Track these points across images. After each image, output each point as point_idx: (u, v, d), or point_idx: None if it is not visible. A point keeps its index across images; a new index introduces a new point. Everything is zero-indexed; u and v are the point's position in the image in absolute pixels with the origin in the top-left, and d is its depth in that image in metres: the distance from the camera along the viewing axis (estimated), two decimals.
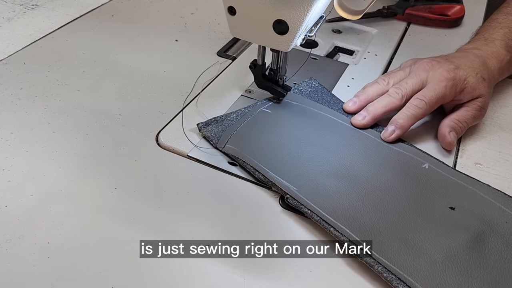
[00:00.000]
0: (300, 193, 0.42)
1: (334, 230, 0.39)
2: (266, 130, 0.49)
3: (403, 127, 0.49)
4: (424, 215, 0.40)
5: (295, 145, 0.48)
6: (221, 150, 0.48)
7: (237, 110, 0.52)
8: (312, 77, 0.57)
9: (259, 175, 0.44)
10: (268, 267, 0.39)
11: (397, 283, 0.35)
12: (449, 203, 0.41)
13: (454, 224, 0.40)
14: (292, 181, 0.43)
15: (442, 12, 0.74)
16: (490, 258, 0.37)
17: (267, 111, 0.52)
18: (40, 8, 0.74)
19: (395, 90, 0.51)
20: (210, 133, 0.49)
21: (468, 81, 0.51)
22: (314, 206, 0.40)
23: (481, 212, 0.41)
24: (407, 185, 0.43)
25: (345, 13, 0.51)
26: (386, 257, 0.37)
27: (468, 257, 0.37)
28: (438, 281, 0.35)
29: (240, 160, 0.46)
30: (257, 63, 0.53)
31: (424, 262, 0.36)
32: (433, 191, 0.43)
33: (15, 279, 0.37)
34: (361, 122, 0.51)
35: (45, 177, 0.45)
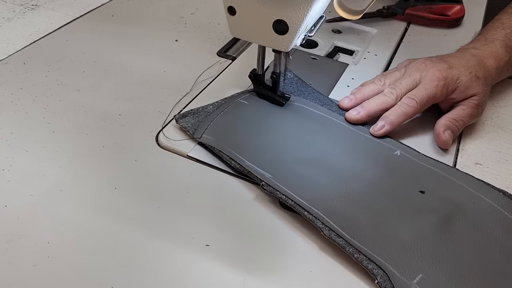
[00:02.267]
0: (275, 180, 0.43)
1: (308, 214, 0.40)
2: (242, 121, 0.50)
3: (393, 123, 0.50)
4: (395, 199, 0.42)
5: (271, 135, 0.49)
6: (198, 141, 0.48)
7: (214, 102, 0.53)
8: (288, 69, 0.57)
9: (235, 164, 0.45)
10: (268, 267, 0.39)
11: (367, 263, 0.37)
12: (420, 187, 0.43)
13: (424, 206, 0.41)
14: (268, 169, 0.44)
15: (442, 12, 0.74)
16: (457, 238, 0.38)
17: (244, 102, 0.53)
18: (40, 8, 0.74)
19: (390, 90, 0.52)
20: (186, 124, 0.49)
21: (461, 80, 0.51)
22: (289, 191, 0.42)
23: (450, 195, 0.42)
24: (379, 171, 0.45)
25: (345, 13, 0.52)
26: (357, 239, 0.38)
27: (436, 237, 0.38)
28: (407, 261, 0.37)
29: (216, 150, 0.47)
30: (256, 72, 0.53)
31: (394, 244, 0.38)
32: (404, 177, 0.44)
33: (15, 279, 0.37)
34: (355, 117, 0.51)
35: (45, 177, 0.45)
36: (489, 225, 0.40)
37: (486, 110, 0.57)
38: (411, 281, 0.35)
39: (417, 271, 0.36)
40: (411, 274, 0.36)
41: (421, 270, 0.36)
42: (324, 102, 0.54)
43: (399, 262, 0.36)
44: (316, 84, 0.59)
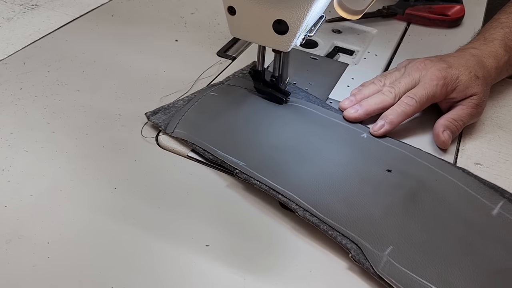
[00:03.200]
0: (249, 167, 0.44)
1: (282, 197, 0.41)
2: (213, 112, 0.51)
3: (392, 122, 0.50)
4: (364, 178, 0.44)
5: (244, 124, 0.50)
6: (170, 135, 0.48)
7: (184, 97, 0.54)
8: (254, 61, 0.58)
9: (208, 155, 0.46)
10: (268, 267, 0.39)
11: (340, 238, 0.39)
12: (386, 166, 0.45)
13: (391, 184, 0.43)
14: (241, 157, 0.45)
15: (442, 12, 0.74)
16: (423, 211, 0.41)
17: (214, 94, 0.54)
18: (40, 8, 0.74)
19: (389, 89, 0.52)
20: (158, 120, 0.50)
21: (461, 80, 0.51)
22: (262, 177, 0.43)
23: (414, 173, 0.45)
24: (348, 153, 0.47)
25: (345, 13, 0.52)
26: (330, 217, 0.40)
27: (404, 212, 0.41)
28: (378, 235, 0.39)
29: (189, 143, 0.47)
30: (256, 68, 0.53)
31: (365, 220, 0.40)
32: (371, 157, 0.47)
33: (15, 279, 0.37)
34: (353, 115, 0.52)
35: (45, 177, 0.45)
36: (451, 199, 0.42)
37: (486, 110, 0.57)
38: (383, 252, 0.37)
39: (387, 243, 0.38)
40: (383, 247, 0.38)
41: (391, 243, 0.38)
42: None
43: (370, 236, 0.38)
44: (316, 84, 0.59)
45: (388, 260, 0.37)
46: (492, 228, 0.40)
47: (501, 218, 0.41)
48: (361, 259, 0.37)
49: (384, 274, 0.36)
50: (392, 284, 0.35)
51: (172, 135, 0.48)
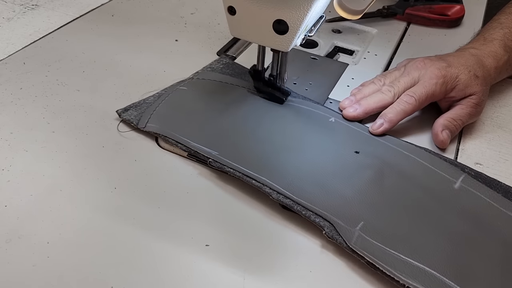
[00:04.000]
0: (222, 156, 0.45)
1: (256, 182, 0.43)
2: (185, 105, 0.52)
3: (391, 121, 0.50)
4: (334, 160, 0.46)
5: (215, 115, 0.51)
6: (143, 130, 0.49)
7: (154, 94, 0.54)
8: (223, 55, 0.60)
9: (181, 146, 0.47)
10: (268, 267, 0.39)
11: (314, 217, 0.40)
12: (354, 148, 0.48)
13: (359, 165, 0.46)
14: (214, 147, 0.46)
15: (442, 12, 0.74)
16: (390, 188, 0.43)
17: (184, 88, 0.55)
18: (40, 8, 0.74)
19: (388, 88, 0.52)
20: (130, 116, 0.51)
21: (460, 79, 0.51)
22: (235, 165, 0.44)
23: (380, 154, 0.47)
24: (318, 136, 0.49)
25: (344, 13, 0.52)
26: (303, 198, 0.41)
27: (372, 189, 0.43)
28: (350, 212, 0.41)
29: (162, 136, 0.48)
30: (256, 68, 0.53)
31: (337, 199, 0.42)
32: (340, 140, 0.49)
33: (15, 279, 0.37)
34: (352, 113, 0.52)
35: (45, 177, 0.45)
36: (416, 175, 0.45)
37: (486, 109, 0.57)
38: (354, 228, 0.39)
39: (358, 219, 0.40)
40: (354, 223, 0.40)
41: (362, 219, 0.40)
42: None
43: (342, 214, 0.40)
44: (316, 84, 0.59)
45: (360, 235, 0.38)
46: (455, 199, 0.42)
47: (462, 190, 0.43)
48: (334, 235, 0.39)
49: (356, 248, 0.38)
50: (364, 256, 0.37)
51: (144, 130, 0.49)
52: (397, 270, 0.36)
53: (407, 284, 0.35)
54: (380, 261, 0.37)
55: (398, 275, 0.36)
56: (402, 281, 0.35)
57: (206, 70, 0.59)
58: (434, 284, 0.35)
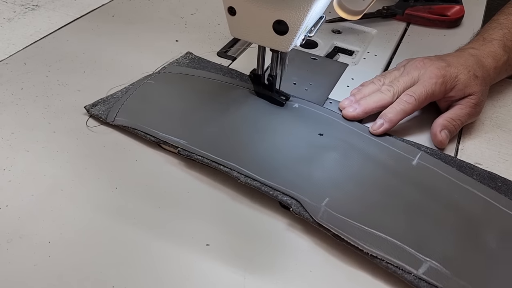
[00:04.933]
0: (190, 145, 0.46)
1: (223, 167, 0.44)
2: (153, 98, 0.53)
3: (391, 120, 0.50)
4: (299, 142, 0.48)
5: (183, 107, 0.52)
6: (111, 124, 0.50)
7: (122, 89, 0.55)
8: (188, 51, 0.63)
9: (150, 138, 0.48)
10: (268, 267, 0.39)
11: (281, 196, 0.42)
12: (318, 131, 0.50)
13: (323, 146, 0.48)
14: (182, 136, 0.47)
15: (442, 13, 0.74)
16: (353, 167, 0.46)
17: (151, 82, 0.56)
18: (40, 8, 0.75)
19: (387, 88, 0.53)
20: (98, 111, 0.52)
21: (459, 78, 0.51)
22: (204, 152, 0.45)
23: (344, 137, 0.49)
24: (281, 122, 0.51)
25: (344, 14, 0.52)
26: (271, 179, 0.43)
27: (337, 168, 0.45)
28: (315, 190, 0.42)
29: (130, 129, 0.49)
30: (256, 72, 0.53)
31: (303, 178, 0.44)
32: (303, 123, 0.51)
33: (16, 279, 0.37)
34: (351, 113, 0.52)
35: (46, 177, 0.45)
36: (377, 155, 0.47)
37: (485, 109, 0.57)
38: (320, 204, 0.41)
39: (324, 196, 0.42)
40: (320, 199, 0.41)
41: (327, 195, 0.42)
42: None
43: (308, 192, 0.42)
44: (316, 84, 0.59)
45: (325, 210, 0.40)
46: (413, 174, 0.45)
47: (419, 166, 0.46)
48: (301, 211, 0.40)
49: (322, 221, 0.39)
50: (330, 229, 0.39)
51: (113, 123, 0.50)
52: (361, 240, 0.38)
53: (370, 252, 0.37)
54: (345, 232, 0.39)
55: (362, 244, 0.38)
56: (366, 250, 0.37)
57: (173, 64, 0.61)
58: (396, 252, 0.37)
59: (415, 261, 0.37)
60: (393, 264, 0.37)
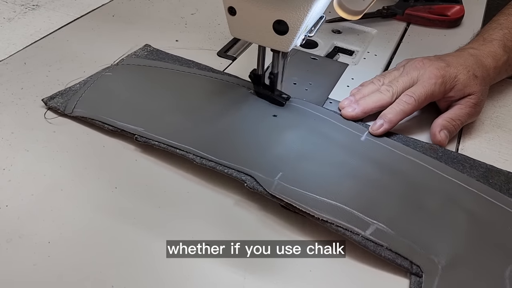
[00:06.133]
0: (147, 131, 0.48)
1: (179, 151, 0.46)
2: (111, 89, 0.54)
3: (391, 121, 0.50)
4: (254, 123, 0.50)
5: (141, 96, 0.53)
6: (70, 115, 0.51)
7: (80, 81, 0.56)
8: (147, 44, 0.64)
9: (108, 127, 0.49)
10: (268, 267, 0.39)
11: (236, 174, 0.44)
12: (272, 113, 0.52)
13: (277, 126, 0.50)
14: (140, 124, 0.49)
15: (442, 13, 0.74)
16: (304, 143, 0.48)
17: (109, 74, 0.57)
18: (40, 8, 0.75)
19: (386, 88, 0.53)
20: (56, 104, 0.52)
21: (459, 78, 0.51)
22: (160, 137, 0.47)
23: (296, 116, 0.52)
24: (235, 107, 0.53)
25: (344, 14, 0.52)
26: (225, 159, 0.45)
27: (288, 145, 0.47)
28: (269, 166, 0.44)
29: (88, 119, 0.50)
30: (256, 72, 0.53)
31: (257, 156, 0.45)
32: (256, 107, 0.53)
33: (16, 279, 0.37)
34: (350, 113, 0.52)
35: (46, 176, 0.45)
36: (328, 131, 0.50)
37: (485, 109, 0.57)
38: (274, 178, 0.43)
39: (277, 171, 0.43)
40: (273, 174, 0.43)
41: (280, 170, 0.44)
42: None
43: (262, 168, 0.44)
44: (316, 84, 0.59)
45: (278, 183, 0.42)
46: (362, 149, 0.48)
47: (367, 141, 0.49)
48: (255, 185, 0.42)
49: (275, 193, 0.41)
50: (283, 198, 0.41)
51: (71, 115, 0.51)
52: (312, 208, 0.40)
53: (321, 217, 0.39)
54: (297, 201, 0.41)
55: (314, 211, 0.40)
56: (317, 216, 0.40)
57: (131, 56, 0.62)
58: (345, 216, 0.40)
59: (363, 224, 0.39)
60: (342, 227, 0.39)
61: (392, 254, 0.38)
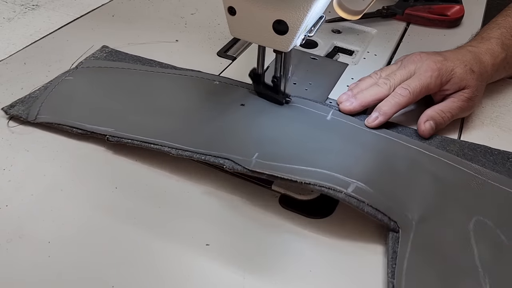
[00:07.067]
0: (118, 131, 0.48)
1: (154, 145, 0.46)
2: (74, 93, 0.54)
3: (386, 113, 0.51)
4: (223, 113, 0.51)
5: (107, 98, 0.54)
6: (33, 122, 0.50)
7: (40, 87, 0.56)
8: (104, 45, 0.64)
9: (76, 131, 0.49)
10: (268, 267, 0.39)
11: (214, 159, 0.44)
12: (240, 102, 0.53)
13: (246, 113, 0.52)
14: (110, 125, 0.49)
15: (442, 12, 0.74)
16: (274, 126, 0.50)
17: (70, 78, 0.57)
18: (40, 8, 0.75)
19: (384, 81, 0.53)
20: (17, 112, 0.52)
21: (455, 72, 0.52)
22: (132, 135, 0.47)
23: (262, 104, 0.53)
24: (202, 99, 0.54)
25: (344, 13, 0.52)
26: (201, 147, 0.46)
27: (261, 129, 0.49)
28: (245, 148, 0.45)
29: (55, 124, 0.50)
30: (256, 71, 0.53)
31: (232, 141, 0.47)
32: (225, 96, 0.54)
33: (16, 279, 0.37)
34: (348, 107, 0.52)
35: (46, 176, 0.45)
36: (294, 115, 0.52)
37: (485, 109, 0.57)
38: (251, 158, 0.44)
39: (254, 152, 0.44)
40: (250, 155, 0.44)
41: (256, 151, 0.45)
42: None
43: (239, 151, 0.45)
44: (316, 84, 0.59)
45: (257, 161, 0.43)
46: (329, 127, 0.51)
47: (333, 120, 0.52)
48: (234, 166, 0.43)
49: (255, 168, 0.42)
50: (263, 171, 0.42)
51: (35, 122, 0.50)
52: (293, 175, 0.41)
53: (304, 181, 0.41)
54: (278, 171, 0.42)
55: (295, 177, 0.41)
56: (299, 180, 0.41)
57: (90, 59, 0.61)
58: (327, 178, 0.41)
59: (344, 183, 0.41)
60: (325, 187, 0.40)
61: (373, 210, 0.40)
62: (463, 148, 0.50)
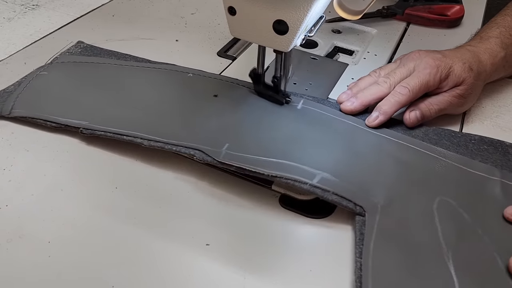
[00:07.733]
0: (92, 124, 0.49)
1: (126, 137, 0.47)
2: (49, 88, 0.54)
3: (386, 112, 0.51)
4: (197, 103, 0.52)
5: (81, 91, 0.54)
6: (7, 117, 0.51)
7: (14, 83, 0.56)
8: (79, 40, 0.65)
9: (51, 124, 0.49)
10: (268, 267, 0.39)
11: (185, 150, 0.45)
12: (213, 93, 0.54)
13: (218, 104, 0.53)
14: (84, 118, 0.50)
15: (442, 12, 0.74)
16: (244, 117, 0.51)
17: (44, 73, 0.57)
18: (40, 8, 0.75)
19: (384, 79, 0.53)
20: None
21: (454, 69, 0.52)
22: (105, 127, 0.48)
23: (234, 95, 0.54)
24: (175, 91, 0.55)
25: (344, 13, 0.52)
26: (172, 138, 0.46)
27: (231, 119, 0.50)
28: (215, 140, 0.46)
29: (29, 118, 0.50)
30: (257, 71, 0.53)
31: (203, 132, 0.48)
32: (198, 87, 0.56)
33: (16, 278, 0.37)
34: (349, 107, 0.53)
35: (46, 176, 0.45)
36: (265, 106, 0.53)
37: (485, 109, 0.57)
38: (221, 149, 0.45)
39: (224, 143, 0.46)
40: (220, 146, 0.45)
41: (226, 142, 0.46)
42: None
43: (209, 142, 0.46)
44: (316, 84, 0.59)
45: (226, 153, 0.45)
46: (299, 115, 0.52)
47: (303, 109, 0.53)
48: (204, 157, 0.44)
49: (224, 160, 0.44)
50: (232, 164, 0.43)
51: (10, 116, 0.51)
52: (262, 168, 0.43)
53: (270, 174, 0.42)
54: (246, 163, 0.43)
55: (263, 170, 0.42)
56: (266, 173, 0.42)
57: (65, 54, 0.62)
58: (293, 170, 0.43)
59: (309, 174, 0.43)
60: (291, 179, 0.42)
61: (338, 197, 0.41)
62: (428, 133, 0.52)
